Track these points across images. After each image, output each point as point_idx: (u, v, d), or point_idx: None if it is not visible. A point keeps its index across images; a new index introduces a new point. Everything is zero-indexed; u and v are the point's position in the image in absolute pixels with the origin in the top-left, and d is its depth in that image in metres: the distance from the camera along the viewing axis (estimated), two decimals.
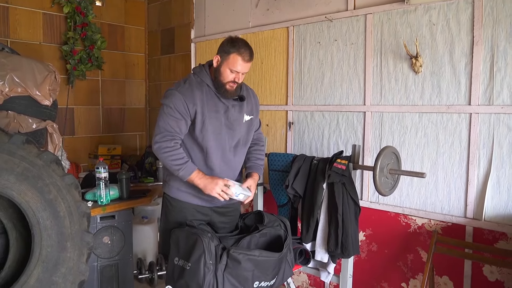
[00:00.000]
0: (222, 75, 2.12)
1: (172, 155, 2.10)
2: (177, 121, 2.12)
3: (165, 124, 2.12)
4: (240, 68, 2.10)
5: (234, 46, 2.09)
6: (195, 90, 2.14)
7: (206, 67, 2.21)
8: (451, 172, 2.35)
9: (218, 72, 2.14)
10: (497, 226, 2.20)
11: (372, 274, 2.73)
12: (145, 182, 3.65)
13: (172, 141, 2.11)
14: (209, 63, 2.24)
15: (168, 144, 2.10)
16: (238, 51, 2.08)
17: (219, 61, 2.13)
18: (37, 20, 3.78)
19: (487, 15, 2.18)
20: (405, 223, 2.55)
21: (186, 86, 2.14)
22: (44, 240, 2.14)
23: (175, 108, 2.10)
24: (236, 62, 2.08)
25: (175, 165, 2.10)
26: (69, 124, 4.02)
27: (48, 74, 2.79)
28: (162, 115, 2.13)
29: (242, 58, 2.09)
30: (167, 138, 2.11)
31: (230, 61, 2.09)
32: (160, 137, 2.11)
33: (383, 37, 2.56)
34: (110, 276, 2.92)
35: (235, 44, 2.09)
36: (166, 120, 2.12)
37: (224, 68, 2.11)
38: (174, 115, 2.11)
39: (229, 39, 2.13)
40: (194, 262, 1.97)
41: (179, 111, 2.10)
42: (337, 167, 2.29)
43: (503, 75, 2.15)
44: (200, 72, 2.20)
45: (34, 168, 2.17)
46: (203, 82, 2.17)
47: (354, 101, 2.72)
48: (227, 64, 2.10)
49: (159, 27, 4.50)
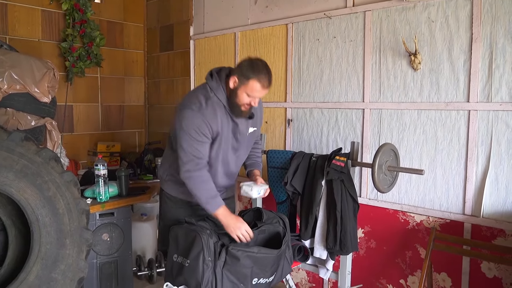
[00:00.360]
0: (238, 97, 2.05)
1: (203, 188, 2.07)
2: (203, 145, 2.06)
3: (192, 150, 2.04)
4: (257, 94, 2.04)
5: (254, 72, 2.00)
6: (217, 111, 2.07)
7: (223, 82, 2.10)
8: (450, 169, 2.36)
9: (235, 94, 2.06)
10: (495, 223, 2.21)
11: (370, 271, 2.73)
12: (144, 179, 3.66)
13: (203, 170, 2.07)
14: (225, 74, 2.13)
15: (200, 174, 2.06)
16: (258, 77, 2.00)
17: (237, 84, 2.04)
18: (36, 17, 3.77)
19: (486, 12, 2.18)
20: (403, 220, 2.55)
21: (208, 108, 2.05)
22: (43, 237, 2.15)
23: (200, 132, 2.02)
24: (255, 88, 2.01)
25: (205, 198, 2.07)
26: (68, 121, 4.02)
27: (47, 71, 2.78)
28: (186, 139, 2.03)
29: (262, 85, 2.02)
30: (199, 166, 2.05)
31: (249, 87, 2.01)
32: (192, 166, 2.04)
33: (382, 34, 2.55)
34: (109, 273, 2.92)
35: (255, 69, 2.01)
36: (192, 144, 2.03)
37: (241, 91, 2.04)
38: (200, 139, 2.04)
39: (249, 62, 2.04)
40: (193, 259, 1.97)
41: (204, 134, 2.04)
42: (336, 164, 2.29)
43: (501, 72, 2.15)
44: (217, 89, 2.09)
45: (33, 165, 2.17)
46: (220, 101, 2.09)
47: (353, 98, 2.72)
48: (245, 89, 2.03)
49: (158, 24, 4.49)
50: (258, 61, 2.06)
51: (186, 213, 2.30)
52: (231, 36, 3.44)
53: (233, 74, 2.06)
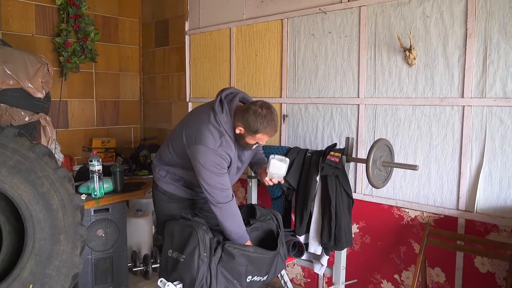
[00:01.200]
0: (245, 141, 2.11)
1: (233, 222, 2.10)
2: (225, 176, 2.09)
3: (217, 184, 2.06)
4: (266, 140, 2.12)
5: (261, 125, 2.01)
6: (232, 146, 2.10)
7: (232, 118, 2.09)
8: (444, 164, 2.36)
9: (242, 139, 2.10)
10: (489, 218, 2.22)
11: (365, 266, 2.74)
12: (139, 175, 3.65)
13: (233, 201, 2.11)
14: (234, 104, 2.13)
15: (230, 206, 2.09)
16: (265, 131, 2.04)
17: (243, 132, 2.07)
18: (30, 11, 3.74)
19: (480, 8, 2.18)
20: (398, 215, 2.56)
21: (223, 144, 2.06)
22: (37, 233, 2.14)
23: (220, 167, 2.05)
24: (263, 138, 2.09)
25: (234, 233, 2.09)
26: (62, 117, 4.00)
27: (40, 67, 2.77)
28: (208, 175, 2.04)
29: (269, 135, 2.09)
30: (228, 198, 2.08)
31: (257, 137, 2.07)
32: (222, 198, 2.07)
33: (377, 29, 2.55)
34: (104, 269, 2.92)
35: (261, 122, 2.01)
36: (216, 179, 2.05)
37: (248, 139, 2.09)
38: (221, 172, 2.07)
39: (254, 114, 2.01)
40: (188, 254, 1.98)
41: (223, 167, 2.08)
42: (331, 159, 2.29)
43: (495, 68, 2.15)
44: (227, 124, 2.08)
45: (26, 161, 2.16)
46: (230, 138, 2.10)
47: (348, 94, 2.72)
48: (253, 138, 2.08)
49: (153, 19, 4.47)
50: (263, 110, 2.02)
51: (181, 207, 2.31)
52: (227, 31, 3.43)
53: (239, 123, 2.06)
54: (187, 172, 2.24)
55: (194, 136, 2.09)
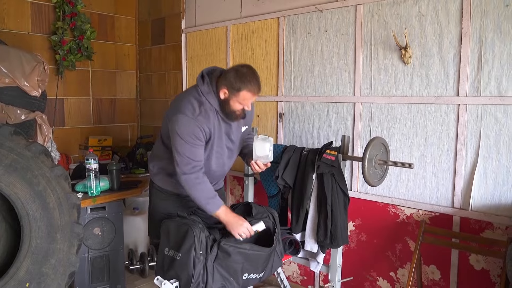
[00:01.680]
0: (231, 107, 2.10)
1: (202, 189, 2.09)
2: (198, 148, 2.09)
3: (188, 153, 2.06)
4: (250, 101, 2.10)
5: (243, 82, 2.03)
6: (210, 116, 2.10)
7: (214, 87, 2.12)
8: (439, 162, 2.38)
9: (227, 104, 2.10)
10: (483, 215, 2.24)
11: (361, 264, 2.76)
12: (136, 173, 3.65)
13: (199, 172, 2.09)
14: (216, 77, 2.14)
15: (197, 176, 2.08)
16: (248, 88, 2.04)
17: (227, 95, 2.08)
18: (25, 9, 3.73)
19: (475, 7, 2.19)
20: (393, 213, 2.57)
21: (201, 113, 2.08)
22: (34, 231, 2.15)
23: (194, 136, 2.05)
24: (246, 97, 2.06)
25: (204, 199, 2.09)
26: (59, 115, 3.99)
27: (36, 65, 2.76)
28: (181, 143, 2.06)
29: (252, 94, 2.06)
30: (195, 169, 2.08)
31: (241, 97, 2.06)
32: (188, 169, 2.07)
33: (373, 28, 2.56)
34: (101, 267, 2.93)
35: (243, 79, 2.03)
36: (188, 148, 2.06)
37: (233, 101, 2.08)
38: (194, 142, 2.06)
39: (235, 73, 2.05)
40: (184, 252, 1.98)
41: (198, 138, 2.07)
42: (327, 158, 2.30)
43: (490, 67, 2.16)
44: (209, 94, 2.11)
45: (22, 160, 2.16)
46: (212, 107, 2.12)
47: (344, 92, 2.73)
48: (236, 99, 2.07)
49: (150, 17, 4.46)
50: (244, 69, 2.08)
51: (176, 205, 2.32)
52: (223, 29, 3.43)
53: (222, 85, 2.08)
54: None
55: (174, 109, 2.12)
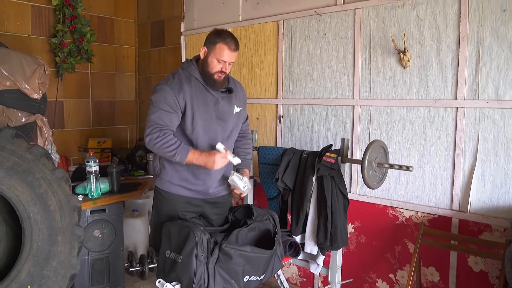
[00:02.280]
0: (209, 65, 2.16)
1: (164, 143, 2.12)
2: (168, 114, 2.14)
3: (155, 118, 2.13)
4: (227, 58, 2.14)
5: (220, 36, 2.14)
6: (184, 83, 2.18)
7: (194, 61, 2.25)
8: (438, 165, 2.40)
9: (206, 63, 2.18)
10: (482, 218, 2.26)
11: (360, 266, 2.77)
12: (135, 175, 3.66)
13: (162, 131, 2.13)
14: (196, 58, 2.27)
15: (159, 134, 2.12)
16: (224, 40, 2.12)
17: (206, 53, 2.17)
18: (26, 12, 3.74)
19: (473, 11, 2.21)
20: (392, 215, 2.59)
21: (175, 80, 2.18)
22: (35, 234, 2.15)
23: (165, 102, 2.13)
24: (223, 51, 2.13)
25: (170, 151, 2.11)
26: (58, 118, 4.00)
27: (37, 67, 2.77)
28: (152, 109, 2.16)
29: (229, 47, 2.13)
30: (157, 129, 2.13)
31: (217, 51, 2.13)
32: (151, 130, 2.13)
33: (372, 31, 2.58)
34: (101, 270, 2.93)
35: (221, 34, 2.15)
36: (156, 114, 2.14)
37: (211, 58, 2.15)
38: (164, 108, 2.13)
39: (215, 30, 2.19)
40: (186, 255, 1.99)
41: (169, 104, 2.13)
42: (326, 160, 2.31)
43: (488, 70, 2.19)
44: (188, 66, 2.24)
45: (24, 162, 2.17)
46: (191, 75, 2.21)
47: (343, 95, 2.75)
48: (214, 55, 2.14)
49: (149, 19, 4.47)
50: (223, 29, 2.22)
51: (180, 209, 2.30)
52: None
53: (203, 46, 2.20)
54: None
55: None
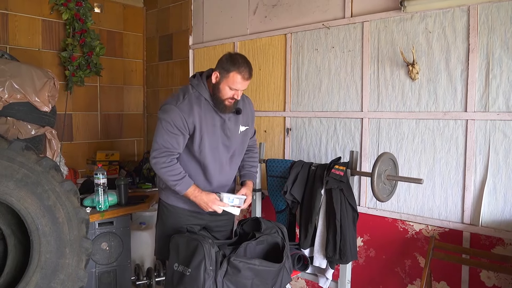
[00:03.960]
0: (221, 92, 2.12)
1: (168, 170, 2.12)
2: (176, 137, 2.12)
3: (163, 141, 2.11)
4: (239, 86, 2.11)
5: (234, 65, 2.08)
6: (194, 105, 2.13)
7: (204, 80, 2.20)
8: (448, 178, 2.37)
9: (217, 89, 2.13)
10: (493, 231, 2.22)
11: (370, 280, 2.74)
12: (143, 188, 3.66)
13: (169, 157, 2.12)
14: (207, 74, 2.22)
15: (166, 160, 2.12)
16: (238, 69, 2.07)
17: (218, 78, 2.12)
18: (36, 26, 3.79)
19: (482, 23, 2.21)
20: (402, 228, 2.56)
21: (185, 102, 2.13)
22: (43, 246, 2.15)
23: (174, 124, 2.09)
24: (236, 80, 2.08)
25: (172, 180, 2.13)
26: (67, 130, 4.03)
27: (47, 81, 2.80)
28: (160, 131, 2.12)
29: (242, 77, 2.09)
30: (165, 154, 2.12)
31: (230, 79, 2.09)
32: (158, 153, 2.12)
33: (380, 44, 2.58)
34: (108, 282, 2.92)
35: (235, 62, 2.08)
36: (164, 136, 2.11)
37: (223, 85, 2.11)
38: (173, 131, 2.10)
39: (228, 56, 2.12)
40: (194, 267, 1.97)
41: (177, 127, 2.10)
42: (335, 173, 2.30)
43: (498, 82, 2.18)
44: (198, 85, 2.18)
45: (33, 174, 2.17)
46: (201, 96, 2.17)
47: (352, 108, 2.74)
48: (226, 82, 2.10)
49: (157, 33, 4.52)
50: (237, 55, 2.15)
51: (184, 221, 2.29)
52: (230, 45, 3.47)
53: (215, 70, 2.15)
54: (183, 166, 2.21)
55: None
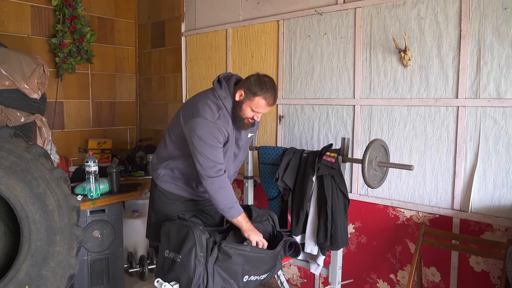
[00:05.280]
0: (243, 111, 2.12)
1: (227, 194, 2.11)
2: (220, 151, 2.11)
3: (212, 156, 2.07)
4: (262, 111, 2.12)
5: (262, 89, 2.07)
6: (229, 122, 2.13)
7: (231, 94, 2.15)
8: (439, 164, 2.38)
9: (239, 107, 2.12)
10: (483, 217, 2.24)
11: (361, 266, 2.76)
12: (135, 176, 3.65)
13: (224, 175, 2.10)
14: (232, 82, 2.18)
15: (223, 180, 2.10)
16: (264, 95, 2.07)
17: (243, 97, 2.11)
18: (25, 12, 3.73)
19: (474, 10, 2.20)
20: (393, 215, 2.57)
21: (221, 117, 2.10)
22: (33, 234, 2.14)
23: (216, 140, 2.07)
24: (260, 105, 2.09)
25: (226, 205, 2.10)
26: (58, 118, 3.99)
27: (36, 67, 2.77)
28: (203, 146, 2.05)
29: (267, 103, 2.09)
30: (220, 172, 2.09)
31: (254, 102, 2.08)
32: (214, 172, 2.07)
33: (372, 30, 2.57)
34: (100, 270, 2.92)
35: (262, 87, 2.07)
36: (211, 151, 2.06)
37: (246, 106, 2.11)
38: (217, 145, 2.08)
39: (257, 78, 2.10)
40: (185, 254, 1.98)
41: (219, 141, 2.09)
42: (327, 160, 2.30)
43: (489, 69, 2.17)
44: (226, 99, 2.14)
45: (22, 162, 2.16)
46: (228, 112, 2.15)
47: (344, 95, 2.74)
48: (250, 104, 2.09)
49: (149, 20, 4.47)
50: (266, 78, 2.12)
51: (180, 208, 2.31)
52: (223, 32, 3.44)
53: (240, 87, 2.12)
54: (186, 163, 2.22)
55: (191, 112, 2.12)
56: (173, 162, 2.28)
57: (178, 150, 2.24)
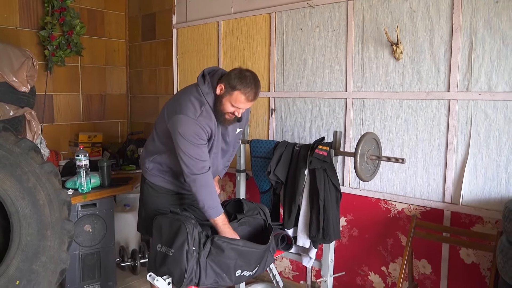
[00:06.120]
0: (223, 105, 2.08)
1: (207, 193, 2.08)
2: (203, 148, 2.08)
3: (195, 153, 2.04)
4: (242, 106, 2.07)
5: (242, 84, 2.02)
6: (212, 118, 2.10)
7: (214, 88, 2.12)
8: (430, 157, 2.39)
9: (220, 102, 2.09)
10: (473, 210, 2.26)
11: (353, 259, 2.77)
12: (126, 170, 3.63)
13: (208, 173, 2.09)
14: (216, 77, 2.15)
15: (204, 177, 2.07)
16: (244, 90, 2.02)
17: (223, 91, 2.07)
18: (13, 4, 3.67)
19: (466, 3, 2.20)
20: (385, 208, 2.59)
21: (203, 114, 2.07)
22: (24, 228, 2.12)
23: (198, 137, 2.04)
24: (239, 100, 2.04)
25: (207, 203, 2.08)
26: (48, 112, 3.95)
27: (25, 60, 2.73)
28: (186, 144, 2.04)
29: (246, 98, 2.04)
30: (204, 169, 2.07)
31: (233, 97, 2.04)
32: (198, 169, 2.05)
33: (365, 23, 2.56)
34: (92, 264, 2.91)
35: (242, 81, 2.02)
36: (193, 148, 2.04)
37: (225, 100, 2.07)
38: (199, 142, 2.06)
39: (239, 73, 2.06)
40: (177, 248, 1.97)
41: (202, 138, 2.06)
42: (319, 153, 2.30)
43: (481, 62, 2.18)
44: (208, 95, 2.11)
45: (11, 156, 2.13)
46: (211, 108, 2.12)
47: (336, 88, 2.73)
48: (229, 99, 2.05)
49: (140, 12, 4.42)
50: (247, 72, 2.07)
51: (169, 202, 2.32)
52: (214, 25, 3.41)
53: (222, 81, 2.09)
54: (173, 157, 2.20)
55: (175, 108, 2.10)
56: (160, 156, 2.28)
57: (164, 145, 2.23)
